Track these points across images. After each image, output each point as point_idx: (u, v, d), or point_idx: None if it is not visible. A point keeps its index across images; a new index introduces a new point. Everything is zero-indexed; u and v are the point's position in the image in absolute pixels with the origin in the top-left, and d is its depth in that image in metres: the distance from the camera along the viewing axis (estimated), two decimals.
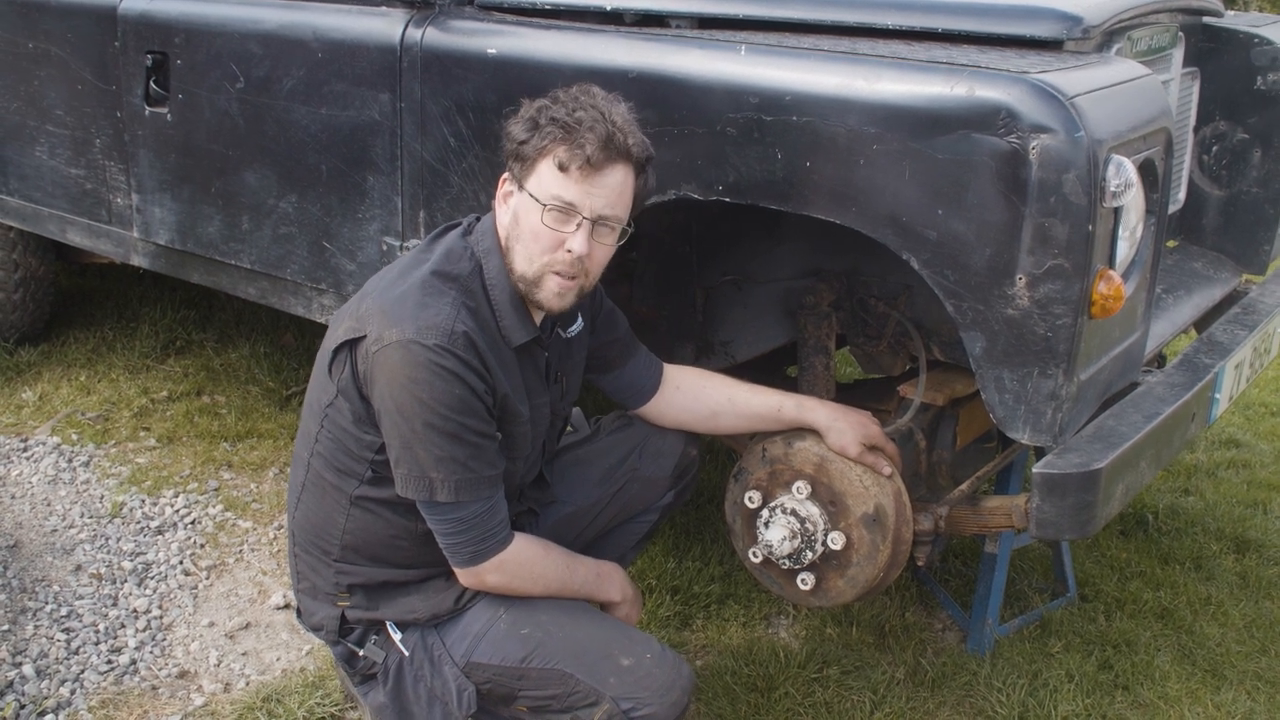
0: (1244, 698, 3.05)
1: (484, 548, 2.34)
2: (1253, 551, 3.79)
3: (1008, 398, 2.24)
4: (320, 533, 2.49)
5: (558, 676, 2.37)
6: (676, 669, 2.39)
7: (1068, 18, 2.47)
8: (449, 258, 2.34)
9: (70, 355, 4.82)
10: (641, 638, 2.46)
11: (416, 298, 2.26)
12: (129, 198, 3.75)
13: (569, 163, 2.21)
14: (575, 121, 2.21)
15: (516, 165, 2.30)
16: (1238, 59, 3.28)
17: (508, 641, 2.41)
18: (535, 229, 2.27)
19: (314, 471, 2.47)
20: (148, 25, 3.52)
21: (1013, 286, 2.16)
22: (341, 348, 2.34)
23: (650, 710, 2.33)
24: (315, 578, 2.54)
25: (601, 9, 2.81)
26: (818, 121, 2.29)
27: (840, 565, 2.56)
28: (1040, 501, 2.23)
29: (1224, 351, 2.77)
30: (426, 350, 2.20)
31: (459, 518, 2.30)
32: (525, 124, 2.27)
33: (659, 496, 2.82)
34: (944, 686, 3.03)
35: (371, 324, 2.27)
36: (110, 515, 3.68)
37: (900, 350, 2.90)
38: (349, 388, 2.33)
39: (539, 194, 2.25)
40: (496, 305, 2.34)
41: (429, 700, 2.47)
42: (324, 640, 2.60)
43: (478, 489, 2.29)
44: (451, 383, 2.21)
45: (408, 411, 2.23)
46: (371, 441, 2.34)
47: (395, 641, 2.49)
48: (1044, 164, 2.08)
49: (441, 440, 2.23)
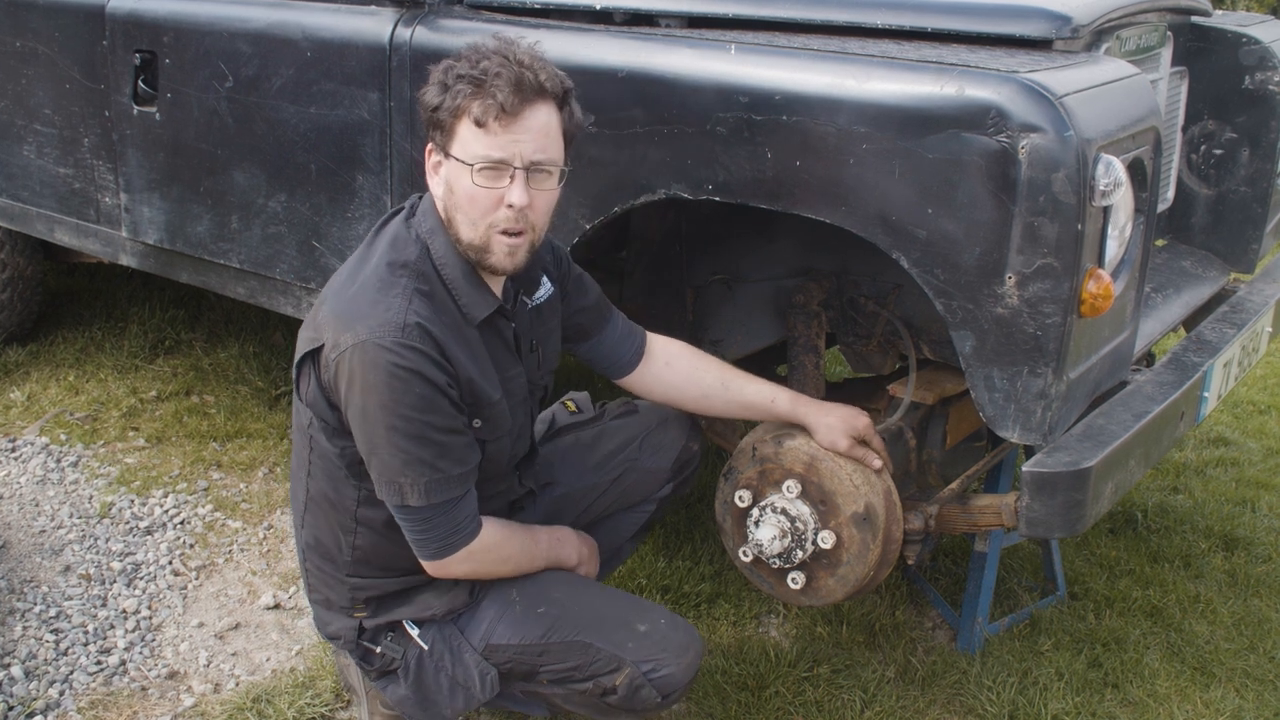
0: (1232, 695, 3.06)
1: (451, 541, 2.33)
2: (1241, 549, 3.80)
3: (997, 396, 2.25)
4: (329, 550, 2.50)
5: (579, 648, 2.40)
6: (689, 632, 2.47)
7: (1057, 17, 2.47)
8: (395, 246, 2.31)
9: (59, 355, 4.81)
10: (650, 605, 2.54)
11: (368, 296, 2.24)
12: (117, 197, 3.74)
13: (485, 116, 2.15)
14: (481, 73, 2.15)
15: (437, 133, 2.24)
16: (1226, 58, 3.29)
17: (525, 621, 2.44)
18: (470, 193, 2.21)
19: (313, 493, 2.47)
20: (136, 24, 3.51)
21: (1002, 285, 2.16)
22: (304, 360, 2.33)
23: (669, 670, 2.38)
24: (328, 591, 2.54)
25: (591, 8, 2.81)
26: (807, 121, 2.29)
27: (831, 564, 2.56)
28: (1030, 500, 2.23)
29: (1212, 350, 2.78)
30: (382, 349, 2.17)
31: (427, 517, 2.30)
32: (436, 88, 2.21)
33: (657, 488, 2.82)
34: (934, 685, 3.03)
35: (327, 330, 2.25)
36: (99, 515, 3.67)
37: (890, 349, 2.90)
38: (317, 400, 2.32)
39: (464, 156, 2.19)
40: (451, 284, 2.30)
41: (451, 688, 2.49)
42: (340, 647, 2.61)
43: (448, 488, 2.28)
44: (411, 381, 2.18)
45: (371, 416, 2.21)
46: (353, 454, 2.33)
47: (413, 637, 2.50)
48: (1033, 163, 2.08)
49: (406, 443, 2.22)
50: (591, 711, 2.51)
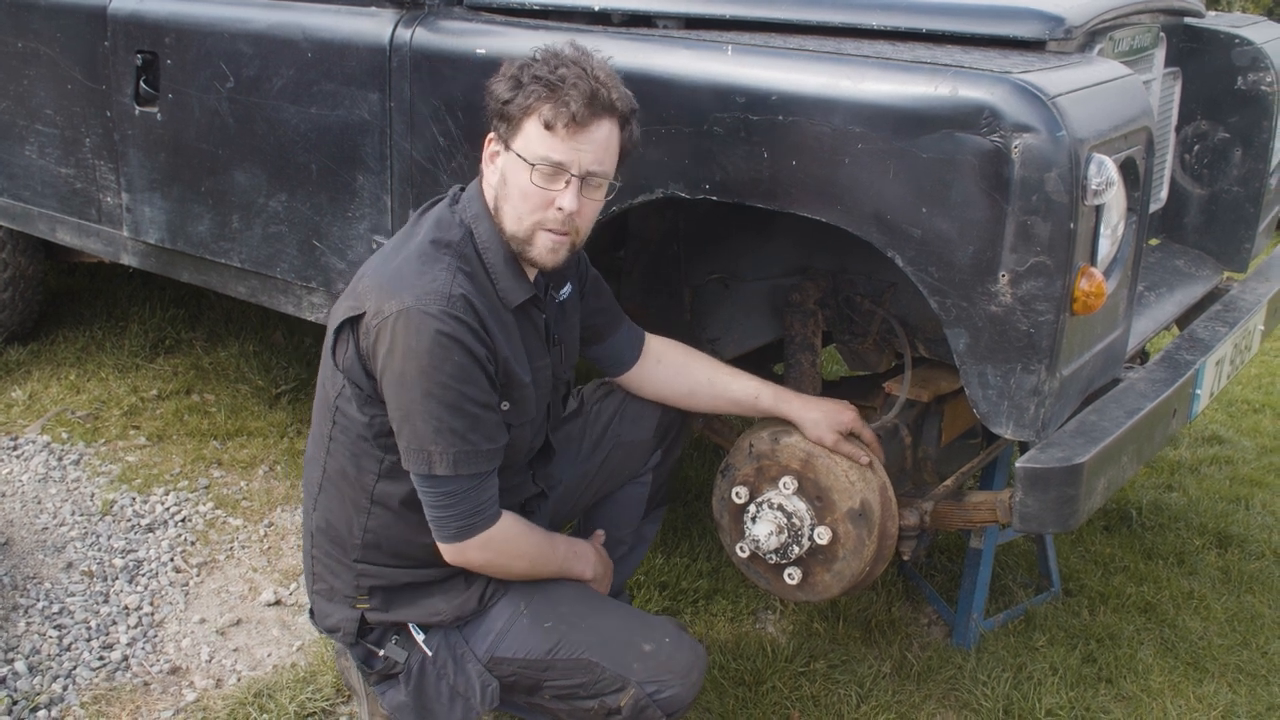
0: (1225, 690, 3.09)
1: (472, 523, 2.34)
2: (1235, 546, 3.83)
3: (991, 393, 2.27)
4: (339, 532, 2.50)
5: (584, 665, 2.40)
6: (694, 651, 2.46)
7: (1050, 18, 2.49)
8: (439, 227, 2.35)
9: (60, 354, 4.83)
10: (658, 622, 2.52)
11: (413, 267, 2.27)
12: (119, 197, 3.76)
13: (555, 120, 2.21)
14: (559, 79, 2.21)
15: (502, 125, 2.29)
16: (1219, 59, 3.32)
17: (531, 635, 2.44)
18: (524, 188, 2.27)
19: (330, 471, 2.47)
20: (137, 25, 3.53)
21: (996, 283, 2.19)
22: (343, 327, 2.36)
23: (673, 692, 2.39)
24: (333, 579, 2.54)
25: (590, 9, 2.84)
26: (803, 121, 2.32)
27: (827, 560, 2.58)
28: (1023, 495, 2.25)
29: (1205, 348, 2.80)
30: (428, 316, 2.21)
31: (451, 491, 2.31)
32: (508, 83, 2.26)
33: (646, 458, 2.83)
34: (930, 680, 3.06)
35: (370, 299, 2.29)
36: (101, 513, 3.69)
37: (885, 347, 2.93)
38: (354, 366, 2.34)
39: (526, 154, 2.25)
40: (491, 268, 2.34)
41: (450, 697, 2.49)
42: (340, 642, 2.60)
43: (475, 463, 2.30)
44: (452, 349, 2.22)
45: (409, 381, 2.24)
46: (382, 423, 2.34)
47: (419, 642, 2.50)
48: (1026, 163, 2.10)
49: (441, 410, 2.24)
50: None
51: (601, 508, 2.87)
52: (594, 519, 2.87)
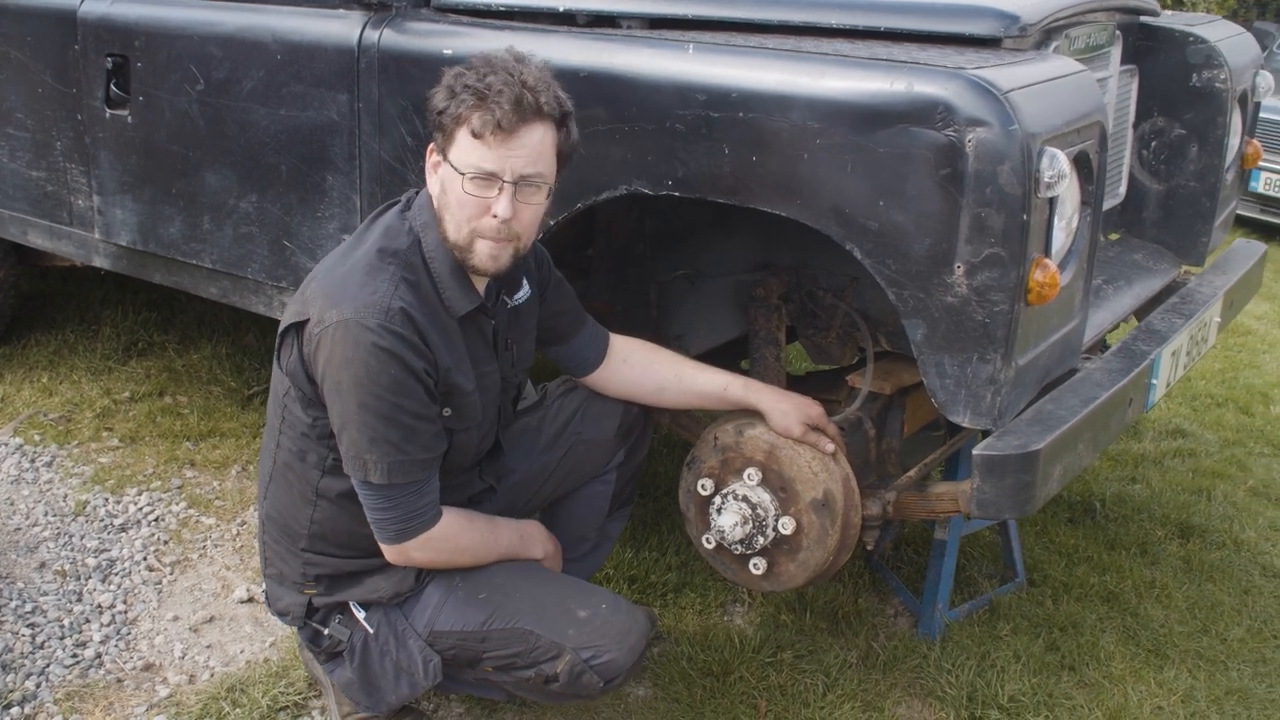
0: (1185, 675, 3.14)
1: (410, 526, 2.40)
2: (1196, 536, 3.89)
3: (948, 382, 2.32)
4: (288, 523, 2.56)
5: (519, 635, 2.45)
6: (632, 615, 2.51)
7: (1005, 16, 2.55)
8: (388, 235, 2.39)
9: (32, 358, 4.84)
10: (595, 590, 2.58)
11: (356, 278, 2.32)
12: (90, 199, 3.78)
13: (483, 129, 2.25)
14: (486, 87, 2.24)
15: (439, 135, 2.34)
16: (1174, 57, 3.38)
17: (467, 607, 2.49)
18: (460, 197, 2.31)
19: (279, 463, 2.53)
20: (108, 28, 3.55)
21: (951, 275, 2.23)
22: (288, 331, 2.41)
23: (610, 657, 2.43)
24: (283, 565, 2.61)
25: (555, 10, 2.88)
26: (763, 117, 2.37)
27: (791, 550, 2.63)
28: (980, 482, 2.31)
29: (1161, 339, 2.86)
30: (365, 330, 2.25)
31: (388, 496, 2.36)
32: (444, 93, 2.30)
33: (608, 457, 2.87)
34: (895, 669, 3.11)
35: (314, 306, 2.33)
36: (74, 513, 3.71)
37: (848, 341, 2.98)
38: (297, 371, 2.39)
39: (459, 163, 2.29)
40: (437, 277, 2.38)
41: (395, 673, 2.54)
42: (288, 624, 2.68)
43: (410, 471, 2.35)
44: (388, 363, 2.26)
45: (345, 391, 2.29)
46: (324, 425, 2.40)
47: (360, 620, 2.56)
48: (980, 156, 2.15)
49: (376, 421, 2.29)
50: (538, 697, 2.58)
51: (565, 504, 2.91)
52: (558, 515, 2.91)
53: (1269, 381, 5.53)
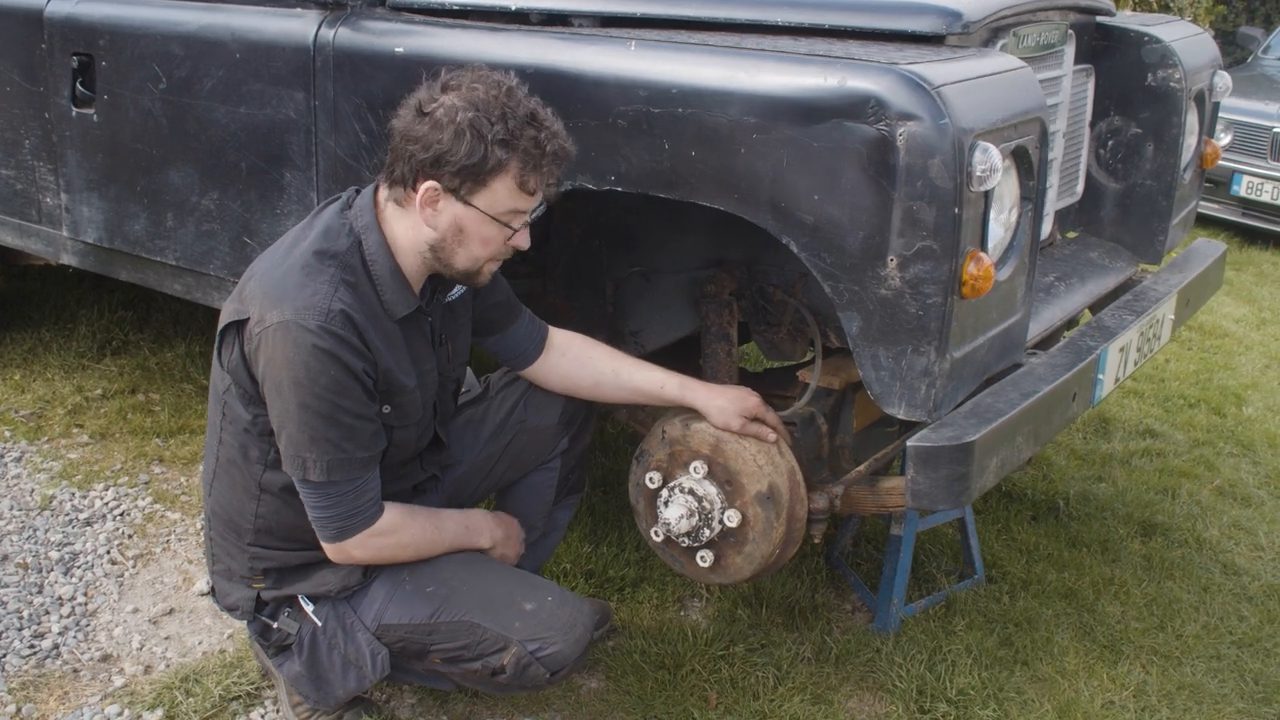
0: (1138, 670, 3.16)
1: (350, 524, 2.42)
2: (1159, 535, 3.91)
3: (884, 374, 2.35)
4: (233, 518, 2.58)
5: (465, 627, 2.48)
6: (577, 608, 2.54)
7: (948, 14, 2.57)
8: (328, 235, 2.41)
9: (6, 356, 4.86)
10: (542, 583, 2.61)
11: (296, 278, 2.34)
12: (58, 197, 3.81)
13: (535, 187, 2.34)
14: (531, 143, 2.29)
15: (457, 180, 2.31)
16: (1129, 57, 3.40)
17: (415, 600, 2.51)
18: (487, 237, 2.38)
19: (222, 459, 2.55)
20: (73, 28, 3.58)
21: (885, 267, 2.26)
22: (228, 329, 2.43)
23: (556, 648, 2.46)
24: (230, 560, 2.63)
25: (507, 9, 2.90)
26: (701, 113, 2.39)
27: (737, 542, 2.65)
28: (915, 473, 2.33)
29: (1109, 335, 2.88)
30: (305, 331, 2.27)
31: (328, 494, 2.39)
32: (468, 144, 2.26)
33: (553, 444, 2.90)
34: (847, 662, 3.12)
35: (254, 305, 2.35)
36: (39, 508, 3.73)
37: (799, 337, 3.00)
38: (238, 369, 2.41)
39: (493, 210, 2.34)
40: (377, 279, 2.41)
41: (343, 666, 2.57)
42: (238, 619, 2.71)
43: (349, 469, 2.37)
44: (328, 364, 2.29)
45: (285, 391, 2.31)
46: (265, 422, 2.42)
47: (308, 613, 2.58)
48: (911, 150, 2.18)
49: (315, 421, 2.31)
50: (486, 689, 2.61)
51: (512, 493, 2.93)
52: (505, 504, 2.94)
53: (1243, 383, 5.55)
